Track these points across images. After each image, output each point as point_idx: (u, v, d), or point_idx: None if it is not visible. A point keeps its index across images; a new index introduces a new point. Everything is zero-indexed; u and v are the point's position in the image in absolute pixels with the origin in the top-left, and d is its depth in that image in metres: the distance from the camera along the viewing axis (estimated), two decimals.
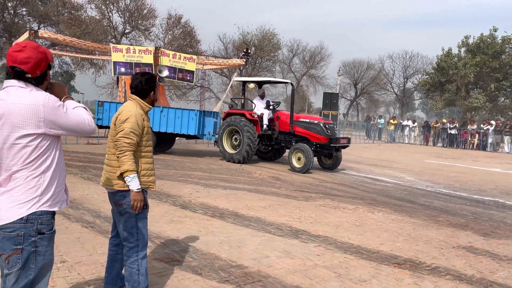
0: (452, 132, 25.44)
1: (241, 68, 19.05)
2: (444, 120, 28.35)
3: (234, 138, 12.01)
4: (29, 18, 35.72)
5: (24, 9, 35.21)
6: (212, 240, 4.79)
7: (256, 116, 11.67)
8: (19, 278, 2.13)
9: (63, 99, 2.36)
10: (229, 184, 8.50)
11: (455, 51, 34.71)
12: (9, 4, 33.95)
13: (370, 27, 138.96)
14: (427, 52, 69.40)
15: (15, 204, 2.12)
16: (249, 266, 4.08)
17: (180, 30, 35.85)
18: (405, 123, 29.94)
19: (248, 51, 19.25)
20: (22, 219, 2.12)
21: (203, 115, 12.64)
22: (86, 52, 21.42)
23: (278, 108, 12.52)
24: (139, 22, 35.20)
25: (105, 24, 34.20)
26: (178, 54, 17.08)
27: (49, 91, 2.28)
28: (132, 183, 2.95)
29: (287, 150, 11.79)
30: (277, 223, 5.72)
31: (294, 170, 10.84)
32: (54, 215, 2.28)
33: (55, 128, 2.17)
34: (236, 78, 16.11)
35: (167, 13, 37.53)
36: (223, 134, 12.00)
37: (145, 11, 34.66)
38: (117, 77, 17.62)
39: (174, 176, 9.04)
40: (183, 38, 35.15)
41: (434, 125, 27.52)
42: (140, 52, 16.21)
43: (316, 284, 3.76)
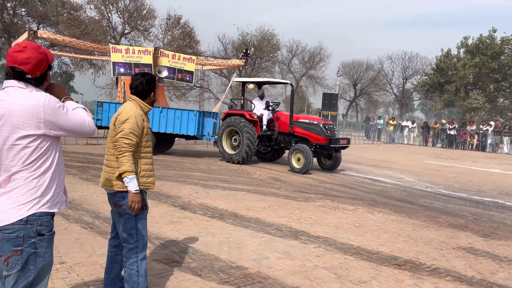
0: (452, 132, 25.46)
1: (240, 68, 19.09)
2: (444, 121, 28.36)
3: (233, 138, 12.00)
4: (28, 18, 35.69)
5: (23, 9, 35.16)
6: (212, 241, 4.78)
7: (255, 117, 11.67)
8: (18, 280, 2.11)
9: (62, 99, 2.35)
10: (228, 184, 8.49)
11: (454, 51, 34.83)
12: (8, 5, 33.91)
13: (370, 27, 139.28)
14: (426, 53, 70.03)
15: (15, 205, 2.11)
16: (249, 267, 4.07)
17: (180, 31, 35.88)
18: (404, 123, 29.95)
19: (248, 52, 19.27)
20: (21, 220, 2.11)
21: (202, 115, 12.64)
22: (85, 52, 21.45)
23: (277, 109, 12.52)
24: (139, 22, 35.22)
25: (104, 24, 34.21)
26: (177, 54, 17.07)
27: (48, 91, 2.27)
28: (131, 184, 2.94)
29: (287, 151, 11.79)
30: (276, 224, 5.71)
31: (293, 170, 10.83)
32: (53, 216, 2.27)
33: (55, 129, 2.16)
34: (235, 79, 16.12)
35: (166, 13, 37.51)
36: (222, 134, 12.00)
37: (144, 12, 34.69)
38: (116, 77, 17.62)
39: (173, 176, 9.02)
40: (183, 38, 35.18)
41: (433, 125, 27.55)
42: (139, 53, 16.20)
43: (316, 285, 3.76)
